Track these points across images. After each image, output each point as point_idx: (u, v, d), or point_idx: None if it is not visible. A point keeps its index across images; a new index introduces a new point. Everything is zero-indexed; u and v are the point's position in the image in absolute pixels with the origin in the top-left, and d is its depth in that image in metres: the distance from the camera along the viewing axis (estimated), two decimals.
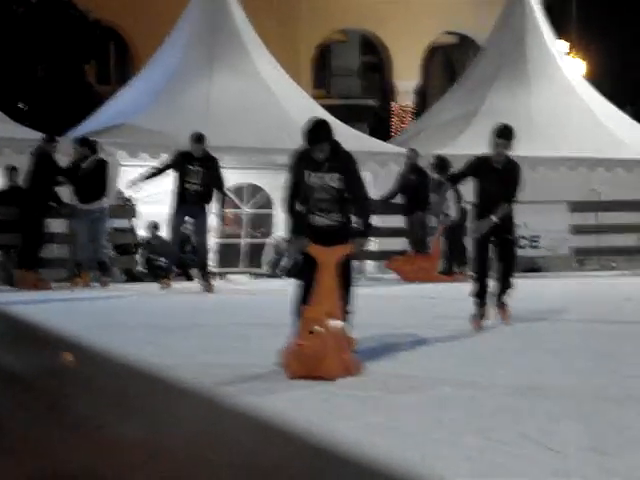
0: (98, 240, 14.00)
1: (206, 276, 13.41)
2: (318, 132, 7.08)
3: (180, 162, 13.13)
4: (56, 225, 14.76)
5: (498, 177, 9.30)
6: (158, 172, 13.53)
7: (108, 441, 0.61)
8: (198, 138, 13.26)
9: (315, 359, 6.37)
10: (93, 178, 13.59)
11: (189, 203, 13.07)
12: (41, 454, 0.58)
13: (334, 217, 7.22)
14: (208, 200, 13.18)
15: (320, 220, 7.21)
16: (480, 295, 9.35)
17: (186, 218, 13.53)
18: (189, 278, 16.61)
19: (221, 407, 0.67)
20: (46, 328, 0.95)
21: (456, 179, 10.15)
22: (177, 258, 14.00)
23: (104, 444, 0.61)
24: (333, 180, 7.13)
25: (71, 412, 0.69)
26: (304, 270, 7.17)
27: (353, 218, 7.35)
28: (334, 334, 6.52)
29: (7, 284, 14.03)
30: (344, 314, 6.94)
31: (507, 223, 9.46)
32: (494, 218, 9.24)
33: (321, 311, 6.53)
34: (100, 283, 13.86)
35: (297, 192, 7.22)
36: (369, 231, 7.38)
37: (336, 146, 7.16)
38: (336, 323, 6.62)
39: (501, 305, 9.57)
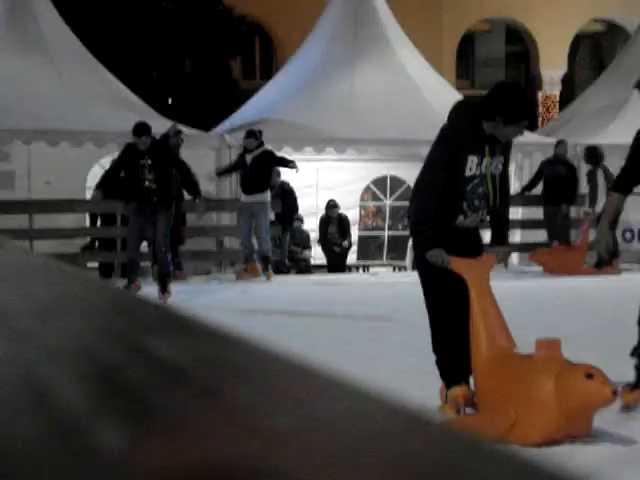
0: (261, 234, 13.47)
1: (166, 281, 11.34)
2: (529, 106, 5.32)
3: (127, 157, 11.19)
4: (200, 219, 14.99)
5: None
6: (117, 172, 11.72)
7: (265, 432, 0.60)
8: (135, 130, 11.10)
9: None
10: (258, 170, 13.27)
11: (143, 203, 11.05)
12: (197, 443, 0.57)
13: (480, 216, 5.39)
14: (166, 198, 11.09)
15: (466, 222, 5.32)
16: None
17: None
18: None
19: (384, 404, 0.65)
20: (201, 318, 0.95)
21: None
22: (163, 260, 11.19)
23: (261, 434, 0.60)
24: (497, 167, 5.37)
25: (226, 401, 0.68)
26: (442, 293, 5.23)
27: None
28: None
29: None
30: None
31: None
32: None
33: (557, 345, 4.72)
34: (266, 276, 13.59)
35: (446, 185, 5.24)
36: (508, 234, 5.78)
37: None
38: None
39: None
